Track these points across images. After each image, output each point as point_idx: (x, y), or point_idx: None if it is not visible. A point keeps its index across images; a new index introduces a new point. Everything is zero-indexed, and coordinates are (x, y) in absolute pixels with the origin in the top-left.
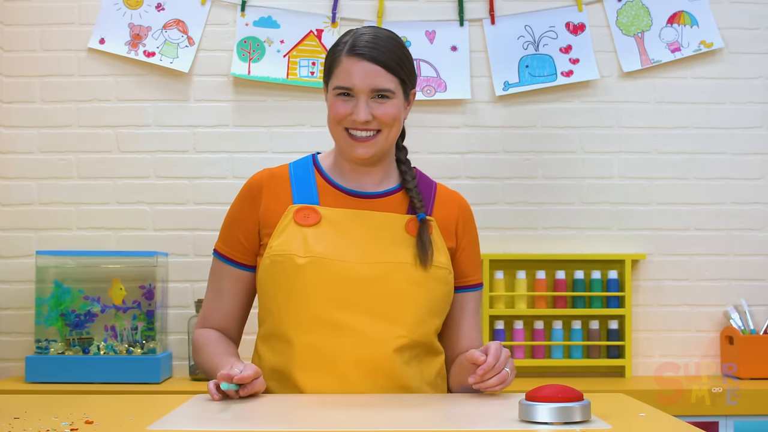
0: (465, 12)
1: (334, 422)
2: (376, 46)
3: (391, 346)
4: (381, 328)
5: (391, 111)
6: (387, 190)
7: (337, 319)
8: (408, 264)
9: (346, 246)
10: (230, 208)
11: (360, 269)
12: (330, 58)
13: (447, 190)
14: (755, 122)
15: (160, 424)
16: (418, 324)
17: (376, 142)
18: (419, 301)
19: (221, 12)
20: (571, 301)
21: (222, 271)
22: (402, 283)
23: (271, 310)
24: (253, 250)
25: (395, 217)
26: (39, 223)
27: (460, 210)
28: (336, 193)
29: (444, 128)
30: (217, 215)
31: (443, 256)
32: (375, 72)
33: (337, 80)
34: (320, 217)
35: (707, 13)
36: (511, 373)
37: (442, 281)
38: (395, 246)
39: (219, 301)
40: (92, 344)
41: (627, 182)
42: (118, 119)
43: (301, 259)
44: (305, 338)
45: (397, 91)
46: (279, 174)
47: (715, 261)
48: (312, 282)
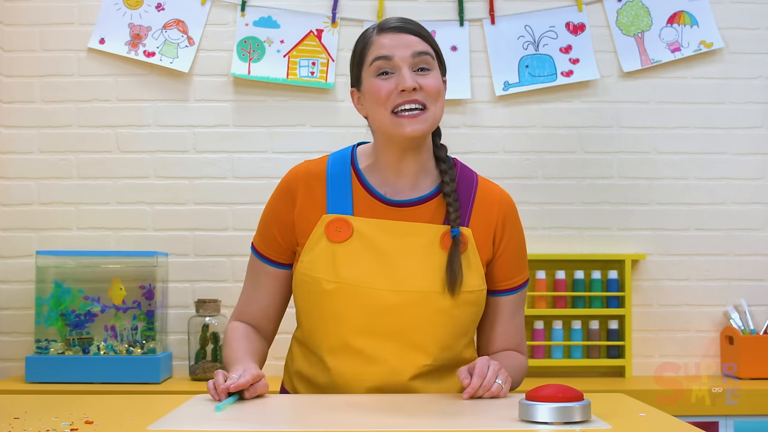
0: (465, 12)
1: (333, 422)
2: (407, 22)
3: (411, 374)
4: (405, 356)
5: (434, 81)
6: (423, 196)
7: (362, 346)
8: (436, 293)
9: (375, 268)
10: (267, 203)
11: (388, 297)
12: (359, 47)
13: (488, 187)
14: (755, 122)
15: (160, 424)
16: (443, 350)
17: (425, 118)
18: (446, 328)
19: (221, 12)
20: (571, 301)
21: (259, 268)
22: (429, 313)
23: (302, 322)
24: (290, 248)
25: (430, 229)
26: (39, 223)
27: (500, 210)
28: (370, 200)
29: (444, 128)
30: (217, 215)
31: (476, 278)
32: (411, 40)
33: (373, 54)
34: (352, 231)
35: (707, 13)
36: (506, 384)
37: (472, 304)
38: (426, 268)
39: (255, 296)
40: (92, 344)
41: (627, 182)
42: (118, 119)
43: (330, 284)
44: (336, 362)
45: (434, 61)
46: (316, 172)
47: (715, 261)
48: (339, 308)
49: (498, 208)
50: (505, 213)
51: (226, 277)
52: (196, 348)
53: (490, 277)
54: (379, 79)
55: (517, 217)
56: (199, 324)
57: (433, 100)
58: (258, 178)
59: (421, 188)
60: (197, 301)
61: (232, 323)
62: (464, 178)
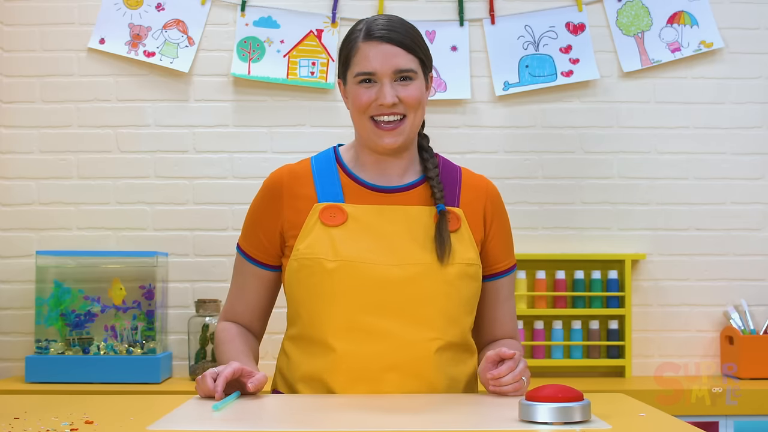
0: (465, 12)
1: (333, 422)
2: (393, 29)
3: (430, 348)
4: (414, 331)
5: (415, 93)
6: (411, 182)
7: (370, 324)
8: (437, 264)
9: (375, 246)
10: (251, 205)
11: (390, 271)
12: (345, 48)
13: (472, 176)
14: (755, 122)
15: (160, 424)
16: (450, 324)
17: (403, 130)
18: (451, 301)
19: (221, 12)
20: (571, 301)
21: (245, 269)
22: (433, 284)
23: (301, 314)
24: (275, 251)
25: (422, 210)
26: (39, 223)
27: (487, 196)
28: (360, 188)
29: (444, 128)
30: (217, 215)
31: (471, 252)
32: (395, 53)
33: (357, 67)
34: (346, 216)
35: (707, 13)
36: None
37: (471, 277)
38: (424, 242)
39: (242, 297)
40: (92, 344)
41: (627, 182)
42: (118, 119)
43: (331, 263)
44: (343, 344)
45: (418, 72)
46: (300, 171)
47: (715, 261)
48: (342, 286)
49: (485, 192)
50: (492, 196)
51: (226, 277)
52: (196, 348)
53: (484, 261)
54: (361, 87)
55: (502, 201)
56: (199, 324)
57: (413, 110)
58: (258, 178)
59: (408, 177)
60: (197, 301)
61: (222, 324)
62: (448, 167)
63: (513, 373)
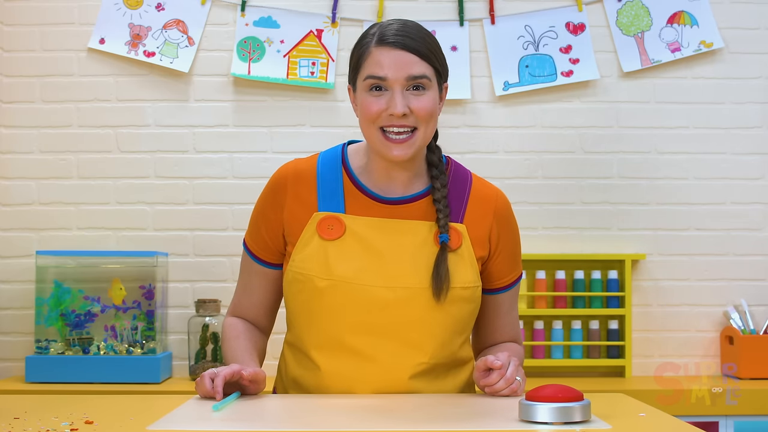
0: (465, 12)
1: (332, 422)
2: (407, 34)
3: (409, 373)
4: (401, 354)
5: (427, 104)
6: (416, 194)
7: (357, 345)
8: (430, 288)
9: (369, 265)
10: (257, 201)
11: (381, 293)
12: (356, 53)
13: (482, 187)
14: (755, 122)
15: (160, 424)
16: (440, 348)
17: (414, 142)
18: (441, 325)
19: (221, 12)
20: (571, 301)
21: (250, 266)
22: (424, 309)
23: (294, 324)
24: (278, 249)
25: (423, 226)
26: (39, 223)
27: (495, 211)
28: (362, 198)
29: (444, 128)
30: (217, 215)
31: (470, 273)
32: (409, 60)
33: (368, 70)
34: (344, 229)
35: (707, 13)
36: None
37: (466, 300)
38: (420, 264)
39: (248, 293)
40: (92, 344)
41: (627, 182)
42: (118, 119)
43: (322, 282)
44: (328, 362)
45: (432, 81)
46: (306, 171)
47: (715, 261)
48: (332, 305)
49: (493, 207)
50: (500, 212)
51: (226, 277)
52: (196, 348)
53: (486, 276)
54: (371, 95)
55: (512, 215)
56: (199, 324)
57: (424, 122)
58: (258, 178)
59: (414, 187)
60: (197, 301)
61: (228, 319)
62: (458, 177)
63: (505, 378)
